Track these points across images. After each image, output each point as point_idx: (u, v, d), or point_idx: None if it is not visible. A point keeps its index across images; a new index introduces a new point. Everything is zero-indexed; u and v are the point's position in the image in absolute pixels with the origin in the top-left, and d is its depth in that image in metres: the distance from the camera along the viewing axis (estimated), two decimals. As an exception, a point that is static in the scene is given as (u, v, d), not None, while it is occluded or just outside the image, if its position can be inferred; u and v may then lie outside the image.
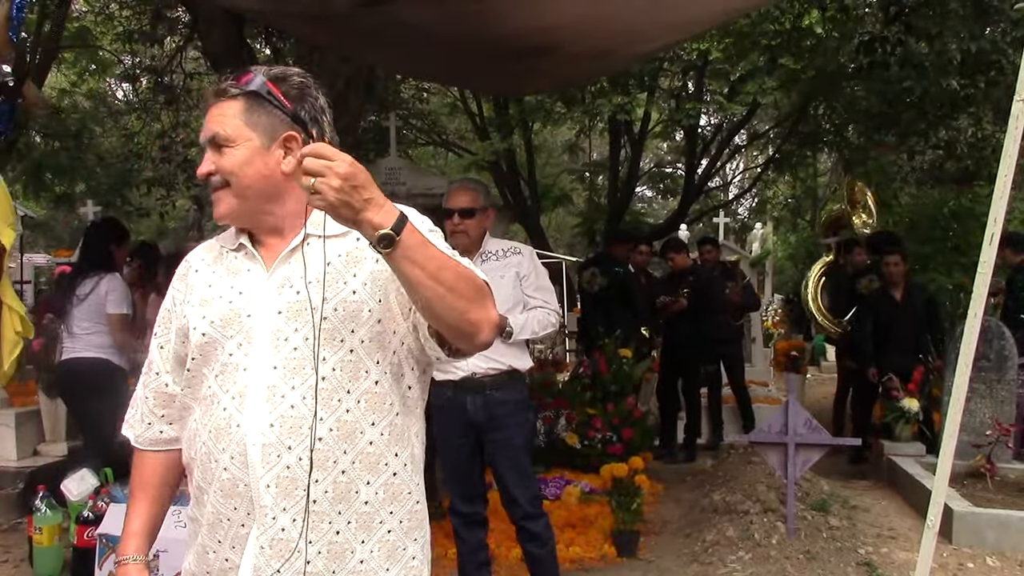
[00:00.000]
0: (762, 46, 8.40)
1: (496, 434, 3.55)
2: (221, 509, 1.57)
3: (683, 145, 12.77)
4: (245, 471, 1.53)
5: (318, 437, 1.54)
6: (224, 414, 1.56)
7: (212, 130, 1.59)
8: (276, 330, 1.56)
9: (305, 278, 1.57)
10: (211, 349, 1.59)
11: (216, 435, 1.56)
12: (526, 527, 3.64)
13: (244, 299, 1.60)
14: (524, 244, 3.84)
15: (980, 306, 2.87)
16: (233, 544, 1.57)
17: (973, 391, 5.47)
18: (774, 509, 5.03)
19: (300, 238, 1.59)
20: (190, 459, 1.64)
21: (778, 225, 19.41)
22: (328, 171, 1.34)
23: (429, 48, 4.49)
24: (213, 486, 1.57)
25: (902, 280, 7.09)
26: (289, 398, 1.53)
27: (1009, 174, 2.79)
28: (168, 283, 1.76)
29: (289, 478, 1.53)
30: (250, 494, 1.54)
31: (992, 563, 4.63)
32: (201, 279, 1.66)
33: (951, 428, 2.92)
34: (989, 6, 7.42)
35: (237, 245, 1.65)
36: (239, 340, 1.57)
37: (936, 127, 9.28)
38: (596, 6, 3.90)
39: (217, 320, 1.59)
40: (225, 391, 1.57)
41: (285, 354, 1.55)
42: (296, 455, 1.53)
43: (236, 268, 1.64)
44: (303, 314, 1.55)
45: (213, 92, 1.62)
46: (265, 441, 1.53)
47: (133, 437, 1.75)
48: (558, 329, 3.77)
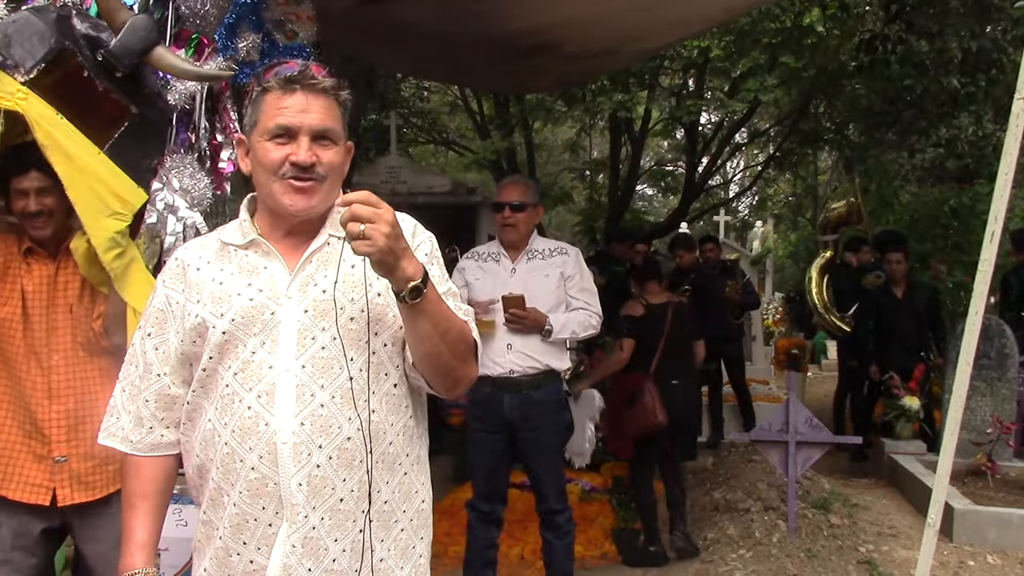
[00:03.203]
0: (763, 44, 8.40)
1: (531, 432, 3.58)
2: (247, 510, 1.55)
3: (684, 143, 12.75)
4: (275, 470, 1.52)
5: (346, 437, 1.56)
6: (249, 413, 1.54)
7: (326, 124, 1.57)
8: (303, 329, 1.56)
9: (344, 280, 1.58)
10: (230, 347, 1.56)
11: (242, 434, 1.54)
12: (550, 519, 3.70)
13: (266, 296, 1.57)
14: (571, 245, 3.87)
15: (981, 304, 2.87)
16: (259, 545, 1.55)
17: (974, 389, 5.48)
18: (775, 507, 5.03)
19: (323, 239, 1.61)
20: (205, 461, 1.60)
21: (778, 223, 19.40)
22: (378, 218, 1.38)
23: (430, 46, 4.49)
24: (238, 486, 1.54)
25: (903, 278, 7.10)
26: (319, 397, 1.54)
27: (1010, 172, 2.78)
28: None
29: (320, 477, 1.54)
30: (279, 493, 1.53)
31: (993, 561, 4.63)
32: (206, 276, 1.62)
33: (952, 426, 2.92)
34: (989, 4, 7.41)
35: (247, 242, 1.62)
36: (262, 338, 1.55)
37: (937, 125, 9.28)
38: (596, 5, 3.90)
39: (238, 318, 1.56)
40: (248, 389, 1.54)
41: (313, 353, 1.55)
42: (326, 454, 1.54)
43: (251, 265, 1.60)
44: (330, 314, 1.56)
45: (283, 81, 1.56)
46: (296, 440, 1.52)
47: (129, 445, 1.66)
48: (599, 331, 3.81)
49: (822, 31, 7.59)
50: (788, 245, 18.31)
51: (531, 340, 3.56)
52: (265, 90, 1.57)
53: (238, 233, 1.64)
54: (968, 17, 7.40)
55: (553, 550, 3.72)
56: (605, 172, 12.85)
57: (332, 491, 1.54)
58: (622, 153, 11.32)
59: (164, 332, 1.64)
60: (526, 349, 3.55)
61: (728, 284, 7.95)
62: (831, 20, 7.72)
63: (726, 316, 7.82)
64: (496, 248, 3.74)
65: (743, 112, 10.30)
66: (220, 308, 1.57)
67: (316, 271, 1.59)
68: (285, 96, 1.55)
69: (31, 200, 2.49)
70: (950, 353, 6.08)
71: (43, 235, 2.54)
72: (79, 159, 2.25)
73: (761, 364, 10.86)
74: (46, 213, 2.50)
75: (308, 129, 1.55)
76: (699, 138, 11.39)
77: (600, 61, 5.33)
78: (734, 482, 5.67)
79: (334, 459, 1.54)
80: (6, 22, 2.28)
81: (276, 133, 1.55)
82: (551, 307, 3.57)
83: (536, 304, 3.54)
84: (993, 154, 8.72)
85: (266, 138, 1.56)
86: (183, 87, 2.52)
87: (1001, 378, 6.10)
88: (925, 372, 6.57)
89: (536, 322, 3.52)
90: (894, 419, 6.49)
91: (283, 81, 1.56)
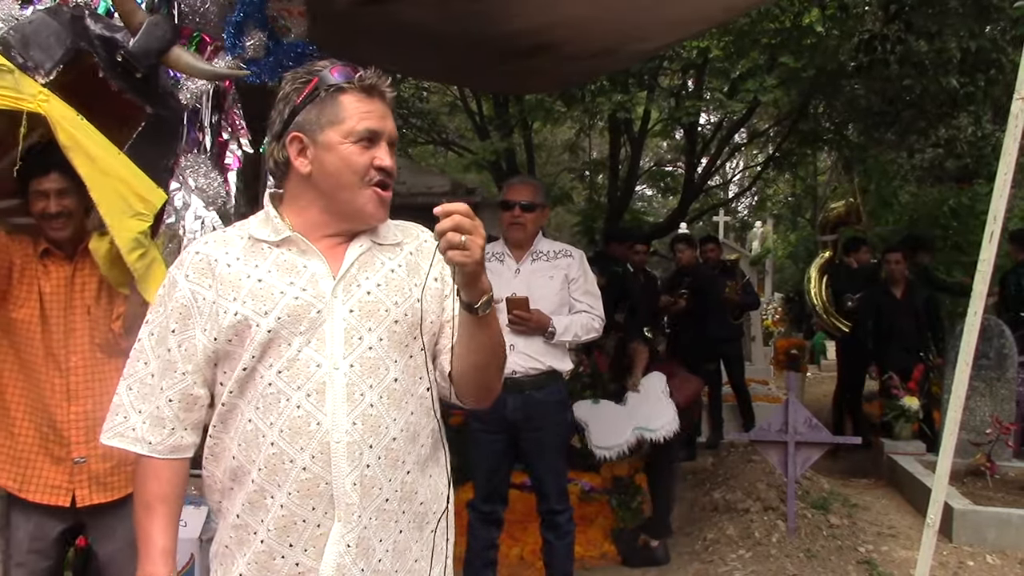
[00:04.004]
0: (762, 44, 8.40)
1: (533, 433, 3.59)
2: (296, 511, 1.52)
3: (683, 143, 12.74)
4: (327, 470, 1.51)
5: (392, 437, 1.57)
6: (299, 412, 1.52)
7: (393, 131, 1.60)
8: (349, 328, 1.55)
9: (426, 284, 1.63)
10: (273, 345, 1.53)
11: (291, 434, 1.51)
12: (550, 518, 3.71)
13: (310, 295, 1.55)
14: (575, 248, 3.88)
15: (980, 304, 2.87)
16: (306, 547, 1.53)
17: (973, 389, 5.48)
18: (774, 507, 5.03)
19: (366, 244, 1.62)
20: (245, 463, 1.55)
21: (778, 223, 19.41)
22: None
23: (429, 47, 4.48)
24: (287, 487, 1.52)
25: (903, 278, 7.10)
26: (368, 397, 1.54)
27: (1009, 172, 2.79)
28: None
29: (369, 477, 1.54)
30: (331, 493, 1.52)
31: (992, 561, 4.63)
32: (239, 273, 1.56)
33: (951, 426, 2.92)
34: (989, 4, 7.41)
35: (281, 239, 1.59)
36: (308, 336, 1.54)
37: (936, 125, 9.28)
38: (596, 5, 3.90)
39: (284, 316, 1.53)
40: (296, 388, 1.52)
41: (360, 352, 1.55)
42: (376, 454, 1.55)
43: (289, 263, 1.57)
44: (376, 315, 1.57)
45: (368, 86, 1.57)
46: (349, 439, 1.52)
47: (147, 447, 1.58)
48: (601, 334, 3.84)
49: (821, 31, 7.60)
50: (787, 245, 18.31)
51: (534, 341, 3.56)
52: (341, 90, 1.56)
53: (268, 229, 1.60)
54: (967, 17, 7.40)
55: (553, 550, 3.72)
56: (604, 172, 12.84)
57: (379, 491, 1.55)
58: (621, 153, 11.30)
59: (188, 329, 1.57)
60: (529, 350, 3.55)
61: (728, 284, 7.97)
62: (830, 20, 7.72)
63: (726, 316, 7.83)
64: (500, 248, 3.73)
65: (742, 112, 10.29)
66: (263, 306, 1.54)
67: (358, 272, 1.59)
68: (367, 100, 1.57)
69: (51, 202, 2.50)
70: (949, 353, 6.09)
71: (62, 236, 2.54)
72: (101, 160, 2.26)
73: (760, 364, 10.87)
74: (65, 214, 2.51)
75: (388, 136, 1.58)
76: (698, 138, 11.38)
77: (600, 61, 5.33)
78: (733, 482, 5.67)
79: (382, 459, 1.55)
80: (23, 23, 2.27)
81: (363, 136, 1.56)
82: (554, 309, 3.57)
83: (539, 305, 3.54)
84: (992, 154, 8.73)
85: (351, 140, 1.55)
86: (194, 86, 2.53)
87: (1000, 378, 6.10)
88: (924, 372, 6.58)
89: (540, 324, 3.52)
90: (893, 419, 6.50)
91: (366, 85, 1.57)
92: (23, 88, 2.16)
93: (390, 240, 1.65)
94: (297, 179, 1.60)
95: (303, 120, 1.57)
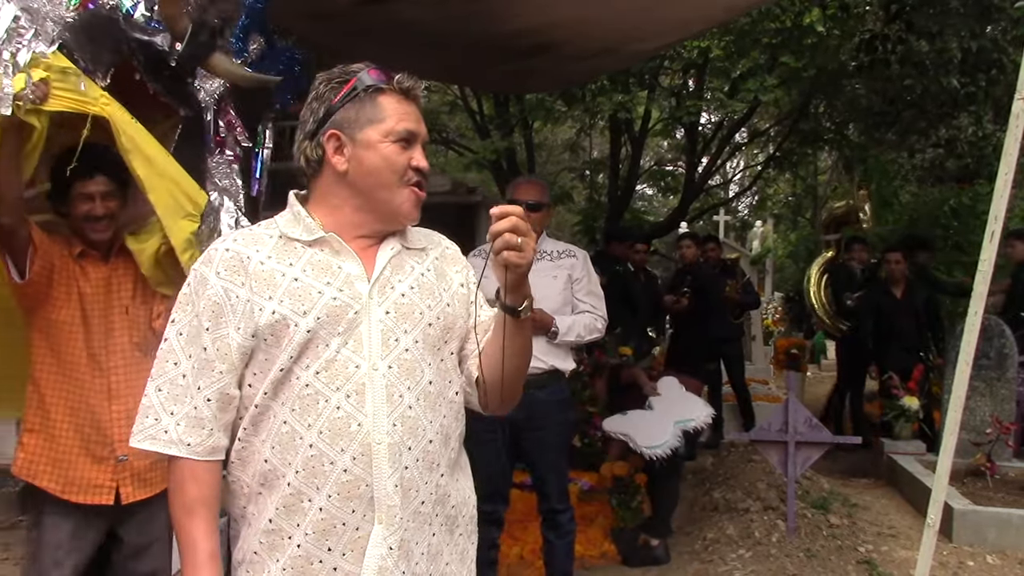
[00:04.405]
0: (763, 44, 8.39)
1: (535, 432, 3.58)
2: (336, 513, 1.50)
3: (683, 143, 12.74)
4: (369, 471, 1.50)
5: (428, 440, 1.57)
6: (339, 413, 1.50)
7: (426, 134, 1.63)
8: (385, 330, 1.55)
9: (475, 287, 1.70)
10: (311, 345, 1.51)
11: (332, 436, 1.49)
12: (551, 518, 3.71)
13: (347, 296, 1.54)
14: (579, 248, 3.88)
15: (980, 304, 2.87)
16: (344, 551, 1.51)
17: (973, 389, 5.48)
18: (774, 507, 5.03)
19: (397, 246, 1.62)
20: (279, 465, 1.51)
21: (778, 223, 19.41)
22: (529, 233, 1.47)
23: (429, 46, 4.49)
24: (326, 489, 1.49)
25: (903, 278, 7.10)
26: (407, 398, 1.55)
27: (1010, 172, 2.78)
28: None
29: (408, 479, 1.54)
30: (371, 495, 1.51)
31: (992, 561, 4.63)
32: (273, 271, 1.54)
33: (951, 426, 2.92)
34: (990, 4, 7.42)
35: (315, 239, 1.57)
36: (345, 337, 1.53)
37: (937, 125, 9.28)
38: (597, 5, 3.90)
39: (324, 316, 1.52)
40: (335, 389, 1.51)
41: (397, 354, 1.55)
42: (414, 456, 1.55)
43: (324, 264, 1.56)
44: (411, 317, 1.58)
45: (406, 88, 1.60)
46: (390, 440, 1.52)
47: (185, 449, 1.52)
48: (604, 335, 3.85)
49: (822, 31, 7.59)
50: (788, 245, 18.30)
51: (537, 341, 3.54)
52: (379, 91, 1.58)
53: (299, 228, 1.59)
54: (968, 17, 7.40)
55: (554, 550, 3.72)
56: (605, 172, 12.84)
57: (416, 494, 1.55)
58: (622, 153, 11.31)
59: (221, 327, 1.53)
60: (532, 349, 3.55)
61: (728, 284, 7.96)
62: (831, 20, 7.71)
63: (726, 316, 7.83)
64: None
65: (743, 112, 10.29)
66: (302, 306, 1.52)
67: (392, 275, 1.60)
68: (404, 101, 1.59)
69: (97, 204, 2.52)
70: (949, 353, 6.08)
71: (103, 238, 2.57)
72: (157, 162, 2.29)
73: (761, 364, 10.88)
74: (109, 217, 2.54)
75: (423, 138, 1.61)
76: (699, 138, 11.39)
77: (600, 61, 5.33)
78: (733, 482, 5.67)
79: (420, 461, 1.55)
80: (76, 26, 2.26)
81: (402, 136, 1.57)
82: (557, 308, 3.57)
83: (543, 305, 3.54)
84: (993, 154, 8.73)
85: (392, 139, 1.57)
86: (211, 87, 2.55)
87: (1000, 378, 6.10)
88: (924, 372, 6.58)
89: (543, 323, 3.52)
90: (893, 419, 6.50)
91: (404, 88, 1.59)
92: (88, 91, 2.19)
93: (416, 244, 1.67)
94: (331, 177, 1.59)
95: (341, 118, 1.57)
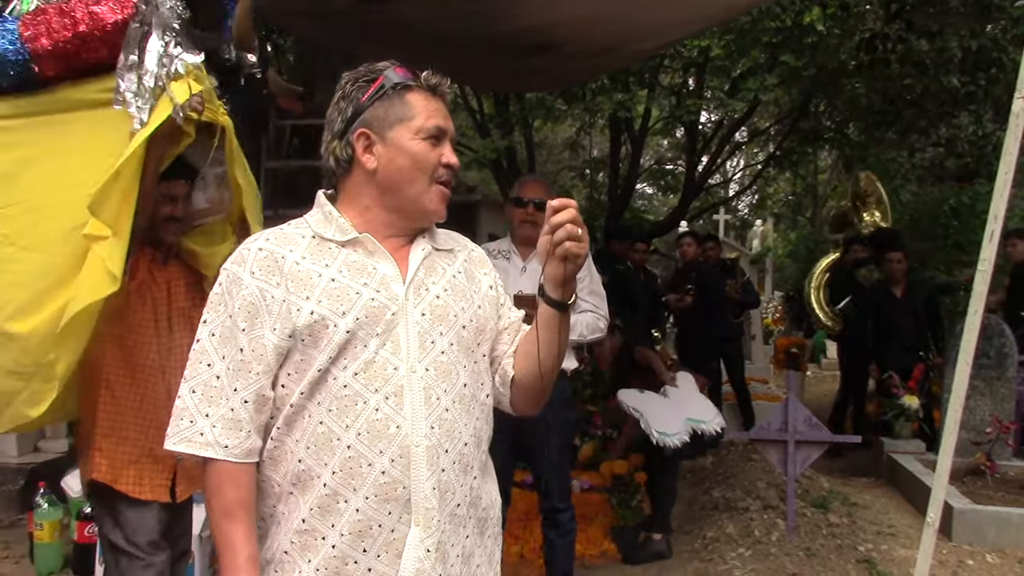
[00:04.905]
0: (763, 43, 8.38)
1: (537, 431, 3.57)
2: (373, 515, 1.50)
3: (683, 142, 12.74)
4: (407, 474, 1.50)
5: (464, 443, 1.58)
6: (378, 415, 1.50)
7: (454, 131, 1.63)
8: (422, 332, 1.55)
9: (502, 288, 1.73)
10: (349, 346, 1.50)
11: (371, 437, 1.49)
12: (552, 516, 3.72)
13: (384, 297, 1.54)
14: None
15: (980, 303, 2.87)
16: (379, 552, 1.50)
17: (973, 388, 5.47)
18: (774, 506, 5.04)
19: (428, 247, 1.62)
20: (314, 465, 1.51)
21: (778, 222, 19.42)
22: (584, 225, 1.48)
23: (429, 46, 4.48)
24: (363, 491, 1.49)
25: (903, 277, 7.10)
26: (443, 401, 1.55)
27: (1009, 171, 2.78)
28: None
29: (445, 481, 1.54)
30: (407, 497, 1.50)
31: (992, 560, 4.64)
32: (309, 271, 1.53)
33: (951, 425, 2.92)
34: (990, 3, 7.42)
35: (349, 239, 1.57)
36: (383, 339, 1.52)
37: (937, 124, 9.28)
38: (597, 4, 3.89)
39: (363, 317, 1.51)
40: (374, 390, 1.50)
41: (434, 357, 1.56)
42: (451, 459, 1.55)
43: (359, 264, 1.56)
44: (447, 319, 1.58)
45: (433, 85, 1.60)
46: (428, 443, 1.52)
47: (223, 451, 1.50)
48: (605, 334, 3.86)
49: (822, 30, 7.58)
50: (788, 244, 18.33)
51: None
52: (407, 88, 1.58)
53: (332, 228, 1.58)
54: (968, 16, 7.40)
55: (555, 548, 3.73)
56: (605, 171, 12.85)
57: (452, 496, 1.56)
58: (622, 152, 11.30)
59: (256, 328, 1.51)
60: None
61: (728, 283, 7.97)
62: (831, 19, 7.71)
63: (727, 315, 7.83)
64: (507, 245, 3.72)
65: (743, 111, 10.29)
66: (341, 306, 1.51)
67: (425, 276, 1.60)
68: (432, 98, 1.59)
69: (179, 205, 2.59)
70: (949, 352, 6.08)
71: (174, 240, 2.64)
72: (248, 171, 2.41)
73: (760, 363, 10.88)
74: (180, 219, 2.62)
75: (451, 134, 1.62)
76: (699, 137, 11.38)
77: (600, 60, 5.33)
78: (733, 481, 5.67)
79: (456, 464, 1.56)
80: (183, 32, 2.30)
81: (432, 133, 1.58)
82: None
83: None
84: (993, 153, 8.72)
85: (422, 136, 1.57)
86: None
87: (1000, 377, 6.11)
88: (924, 371, 6.58)
89: None
90: (893, 418, 6.50)
91: (431, 85, 1.60)
92: (213, 101, 2.27)
93: (444, 245, 1.67)
94: (360, 176, 1.59)
95: (370, 117, 1.57)
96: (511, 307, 1.74)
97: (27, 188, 2.21)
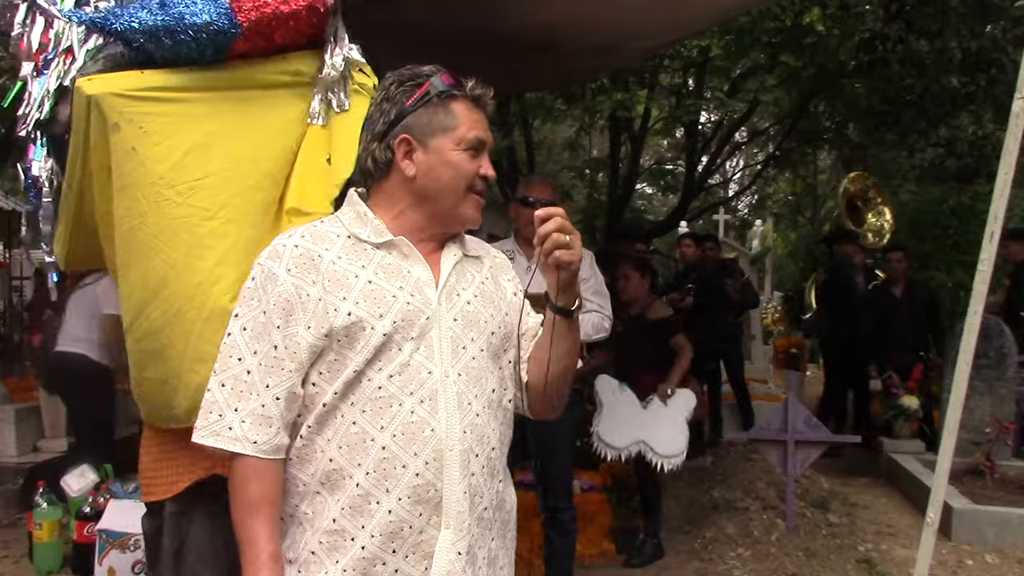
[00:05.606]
0: (763, 43, 8.38)
1: (540, 430, 3.56)
2: (405, 516, 1.50)
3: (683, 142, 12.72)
4: (439, 477, 1.51)
5: (492, 447, 1.60)
6: (413, 417, 1.50)
7: (492, 142, 1.64)
8: (454, 336, 1.56)
9: (511, 298, 1.72)
10: (385, 349, 1.51)
11: (405, 439, 1.50)
12: (553, 516, 3.72)
13: (419, 301, 1.54)
14: (585, 249, 3.86)
15: (980, 304, 2.87)
16: (407, 554, 1.51)
17: (973, 389, 5.46)
18: (774, 506, 5.04)
19: (459, 253, 1.64)
20: (345, 465, 1.50)
21: (778, 222, 19.40)
22: (575, 231, 1.50)
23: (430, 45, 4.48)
24: (396, 492, 1.50)
25: (903, 277, 7.10)
26: (474, 406, 1.56)
27: (1009, 172, 2.78)
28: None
29: (474, 485, 1.56)
30: (438, 500, 1.51)
31: (991, 560, 4.64)
32: (345, 271, 1.53)
33: (951, 425, 2.92)
34: (990, 4, 7.41)
35: (385, 242, 1.57)
36: (418, 343, 1.53)
37: (937, 125, 9.27)
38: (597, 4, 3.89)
39: (399, 320, 1.52)
40: (409, 393, 1.51)
41: (465, 362, 1.57)
42: (480, 463, 1.57)
43: (394, 267, 1.56)
44: (477, 325, 1.60)
45: (477, 95, 1.61)
46: (461, 447, 1.53)
47: (251, 446, 1.49)
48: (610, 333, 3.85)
49: (822, 30, 7.58)
50: (787, 244, 18.31)
51: None
52: (452, 97, 1.58)
53: (367, 229, 1.58)
54: (968, 16, 7.40)
55: (555, 548, 3.72)
56: (605, 171, 12.83)
57: (480, 499, 1.57)
58: (622, 152, 11.29)
59: (291, 325, 1.51)
60: None
61: (727, 283, 7.97)
62: (831, 19, 7.71)
63: (727, 315, 7.83)
64: (511, 245, 3.72)
65: (743, 111, 10.29)
66: (378, 308, 1.51)
67: (456, 282, 1.61)
68: (475, 109, 1.60)
69: None
70: (949, 352, 6.09)
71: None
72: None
73: (760, 363, 10.87)
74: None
75: (490, 146, 1.63)
76: (699, 137, 11.37)
77: (601, 60, 5.32)
78: (733, 481, 5.68)
79: (484, 468, 1.57)
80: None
81: (473, 145, 1.59)
82: None
83: None
84: (993, 154, 8.72)
85: (463, 147, 1.57)
86: None
87: (1000, 378, 6.11)
88: (924, 371, 6.58)
89: None
90: (893, 418, 6.50)
91: (476, 95, 1.60)
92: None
93: (473, 252, 1.69)
94: (397, 181, 1.59)
95: (412, 123, 1.57)
96: (530, 311, 1.75)
97: (221, 159, 2.11)
